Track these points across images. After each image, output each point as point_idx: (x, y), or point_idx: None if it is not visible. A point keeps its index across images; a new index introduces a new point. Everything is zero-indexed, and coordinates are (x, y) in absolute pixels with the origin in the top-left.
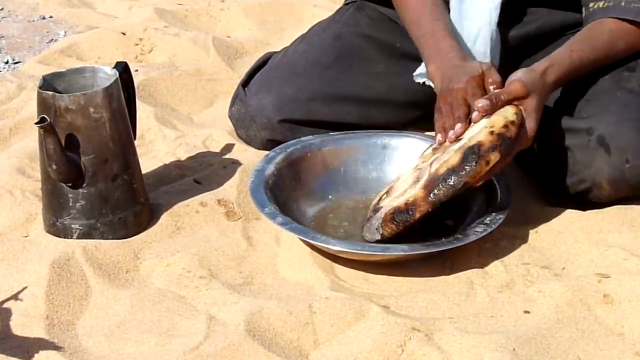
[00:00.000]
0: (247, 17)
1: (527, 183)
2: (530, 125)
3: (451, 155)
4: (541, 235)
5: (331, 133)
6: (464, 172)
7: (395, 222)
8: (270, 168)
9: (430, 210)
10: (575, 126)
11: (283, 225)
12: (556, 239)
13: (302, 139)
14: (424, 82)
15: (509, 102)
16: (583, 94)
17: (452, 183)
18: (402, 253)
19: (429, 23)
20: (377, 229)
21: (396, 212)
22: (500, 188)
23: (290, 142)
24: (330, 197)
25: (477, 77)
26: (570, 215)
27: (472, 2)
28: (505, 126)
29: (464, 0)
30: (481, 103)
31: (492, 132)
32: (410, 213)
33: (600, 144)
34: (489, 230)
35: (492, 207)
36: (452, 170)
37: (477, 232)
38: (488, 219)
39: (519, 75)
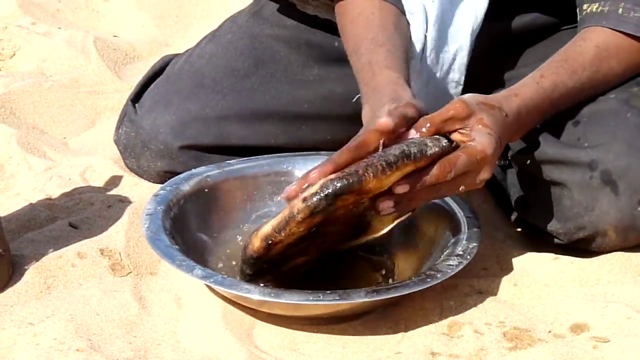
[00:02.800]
0: (140, 10)
1: (502, 223)
2: (482, 143)
3: None
4: (521, 289)
5: (231, 161)
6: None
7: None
8: (165, 210)
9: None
10: (573, 158)
11: (206, 279)
12: (540, 293)
13: (194, 171)
14: None
15: (445, 127)
16: (582, 113)
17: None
18: (363, 300)
19: (368, 52)
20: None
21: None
22: (464, 212)
23: (180, 176)
24: (238, 238)
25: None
26: (558, 263)
27: (451, 21)
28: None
29: (444, 18)
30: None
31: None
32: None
33: (606, 182)
34: (465, 262)
35: (457, 234)
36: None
37: (452, 266)
38: (459, 249)
39: (463, 96)
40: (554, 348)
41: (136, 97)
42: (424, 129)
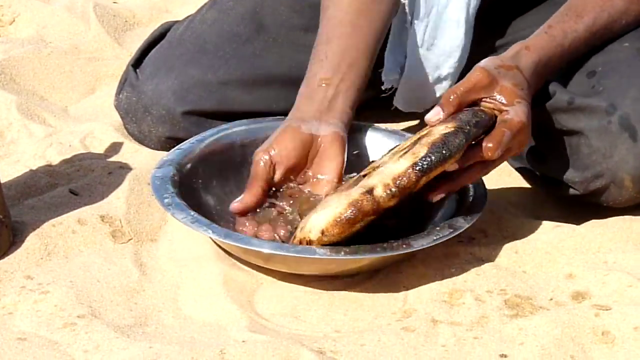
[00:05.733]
0: None
1: (504, 190)
2: (519, 114)
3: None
4: (522, 257)
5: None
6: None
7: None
8: (173, 171)
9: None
10: (590, 103)
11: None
12: (542, 260)
13: (202, 134)
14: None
15: (469, 97)
16: (595, 63)
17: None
18: (375, 256)
19: (320, 42)
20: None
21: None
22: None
23: (193, 139)
24: None
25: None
26: (560, 231)
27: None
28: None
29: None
30: (431, 113)
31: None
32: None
33: (625, 127)
34: (466, 225)
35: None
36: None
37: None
38: (461, 218)
39: (480, 63)
40: (556, 316)
41: (137, 63)
42: (450, 99)
